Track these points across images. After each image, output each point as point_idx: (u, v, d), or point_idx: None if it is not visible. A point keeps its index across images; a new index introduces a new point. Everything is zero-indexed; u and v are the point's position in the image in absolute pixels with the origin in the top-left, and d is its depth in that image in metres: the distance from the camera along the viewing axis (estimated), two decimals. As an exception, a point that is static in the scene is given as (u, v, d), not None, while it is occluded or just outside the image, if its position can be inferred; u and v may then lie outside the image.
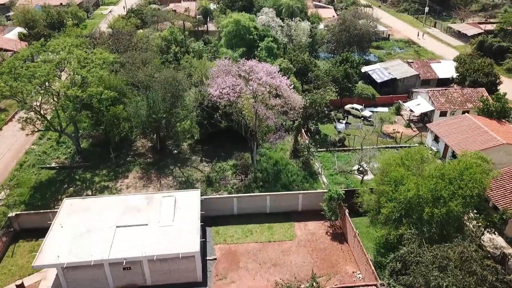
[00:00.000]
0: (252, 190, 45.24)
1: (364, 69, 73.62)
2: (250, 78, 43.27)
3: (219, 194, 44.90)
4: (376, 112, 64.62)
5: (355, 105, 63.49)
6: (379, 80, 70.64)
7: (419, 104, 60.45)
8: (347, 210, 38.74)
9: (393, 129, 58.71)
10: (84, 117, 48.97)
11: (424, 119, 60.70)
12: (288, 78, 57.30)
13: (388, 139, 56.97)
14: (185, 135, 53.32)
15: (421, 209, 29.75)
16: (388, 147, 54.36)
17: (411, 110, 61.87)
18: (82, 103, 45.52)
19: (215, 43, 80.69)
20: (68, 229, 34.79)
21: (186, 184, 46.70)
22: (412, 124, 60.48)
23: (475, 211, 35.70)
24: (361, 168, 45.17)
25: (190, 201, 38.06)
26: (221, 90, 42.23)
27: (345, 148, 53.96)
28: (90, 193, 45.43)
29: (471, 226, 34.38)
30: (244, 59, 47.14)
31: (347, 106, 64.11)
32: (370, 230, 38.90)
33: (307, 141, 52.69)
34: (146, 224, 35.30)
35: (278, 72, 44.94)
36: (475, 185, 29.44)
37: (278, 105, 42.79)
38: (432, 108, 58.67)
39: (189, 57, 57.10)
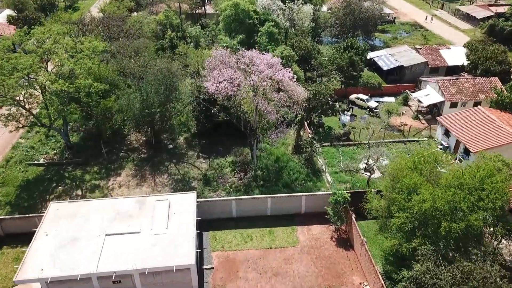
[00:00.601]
0: (252, 190, 42.63)
1: (370, 55, 70.04)
2: (250, 71, 40.04)
3: (217, 194, 42.31)
4: (382, 102, 61.47)
5: (360, 95, 60.29)
6: (385, 68, 67.21)
7: (428, 94, 57.27)
8: (353, 215, 36.17)
9: (401, 122, 55.65)
10: (73, 109, 45.87)
11: (433, 111, 57.65)
12: (290, 67, 54.32)
13: (395, 132, 54.01)
14: (181, 129, 50.44)
15: (437, 222, 27.10)
16: (395, 142, 51.47)
17: (419, 101, 58.73)
18: (70, 97, 42.39)
19: (213, 27, 76.77)
20: (54, 238, 32.28)
21: (182, 183, 44.03)
22: (420, 116, 57.42)
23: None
24: (368, 167, 42.43)
25: (186, 206, 35.45)
26: (217, 84, 39.06)
27: (350, 143, 51.07)
28: (80, 193, 42.83)
29: (487, 233, 31.88)
30: (243, 49, 43.73)
31: (352, 96, 60.92)
32: (378, 235, 36.41)
33: (310, 136, 49.83)
34: (138, 232, 32.77)
35: (280, 63, 41.63)
36: (498, 196, 26.72)
37: (281, 99, 39.68)
38: (442, 99, 55.52)
39: (185, 47, 53.51)
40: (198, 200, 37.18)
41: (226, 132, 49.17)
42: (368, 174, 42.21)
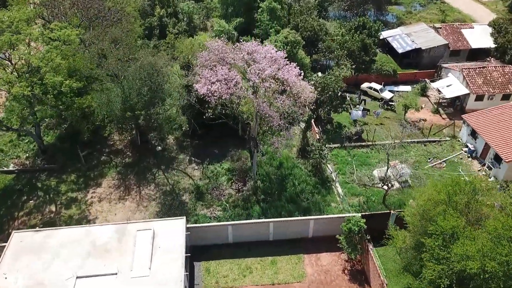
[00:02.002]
0: (251, 206, 37.06)
1: (383, 35, 62.53)
2: (249, 69, 33.48)
3: (211, 211, 36.78)
4: (397, 91, 54.85)
5: (373, 84, 53.59)
6: (400, 50, 60.04)
7: (451, 85, 50.63)
8: (371, 247, 30.80)
9: (419, 118, 49.30)
10: (43, 110, 39.47)
11: (455, 103, 51.20)
12: (296, 53, 47.52)
13: (413, 130, 47.77)
14: (171, 126, 43.97)
15: (485, 284, 21.65)
16: (414, 142, 45.41)
17: (439, 91, 52.16)
18: (36, 98, 35.95)
19: (207, 1, 68.64)
20: (14, 282, 26.94)
21: (171, 196, 38.38)
22: (440, 109, 51.02)
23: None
24: (385, 180, 36.64)
25: (173, 237, 29.96)
26: (209, 87, 32.58)
27: (363, 144, 45.03)
28: (54, 209, 37.27)
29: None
30: (242, 40, 36.81)
31: (364, 85, 54.25)
32: (398, 266, 31.19)
33: (317, 136, 43.77)
34: (115, 274, 27.42)
35: (285, 58, 34.96)
36: None
37: (285, 104, 33.35)
38: (466, 91, 48.96)
39: (171, 36, 46.02)
40: (189, 226, 31.74)
41: (222, 132, 42.99)
42: (386, 188, 36.46)
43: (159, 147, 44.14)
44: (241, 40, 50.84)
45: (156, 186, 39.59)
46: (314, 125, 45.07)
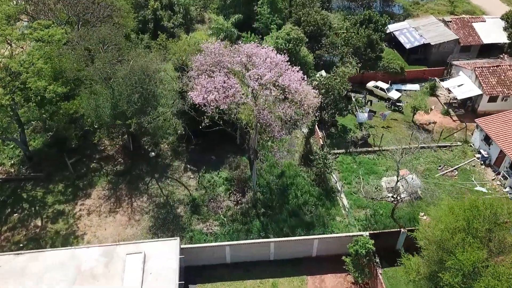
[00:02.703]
0: (251, 219, 34.67)
1: (389, 28, 59.26)
2: (247, 71, 30.70)
3: (208, 226, 34.38)
4: (405, 90, 51.99)
5: (380, 83, 50.72)
6: (408, 46, 56.94)
7: (462, 84, 47.76)
8: (380, 271, 28.50)
9: (428, 120, 46.54)
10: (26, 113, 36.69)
11: (466, 104, 48.40)
12: (299, 52, 44.55)
13: (422, 132, 45.06)
14: (165, 130, 41.03)
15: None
16: (423, 147, 42.74)
17: (449, 91, 49.37)
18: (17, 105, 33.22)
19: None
20: (-8, 315, 24.71)
21: (165, 209, 35.92)
22: (451, 111, 48.24)
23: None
24: (394, 193, 34.14)
25: (165, 261, 27.62)
26: (205, 96, 29.80)
27: (370, 149, 42.41)
28: (40, 223, 34.85)
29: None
30: (240, 42, 33.86)
31: (370, 84, 51.38)
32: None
33: (321, 141, 41.17)
34: (102, 304, 25.16)
35: (287, 62, 32.17)
36: None
37: (287, 113, 30.58)
38: (479, 92, 46.14)
39: (163, 36, 42.71)
40: (184, 247, 29.40)
41: (219, 137, 40.26)
42: (395, 202, 33.95)
43: (153, 153, 41.50)
44: (241, 38, 48.42)
45: (149, 197, 37.11)
46: (317, 129, 42.39)
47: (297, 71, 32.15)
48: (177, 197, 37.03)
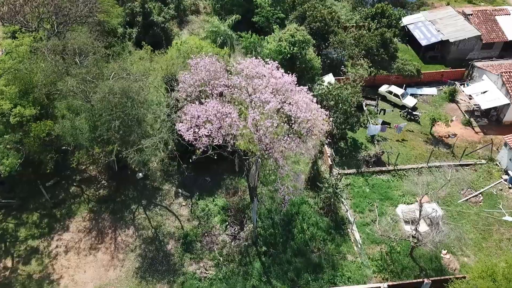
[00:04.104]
0: (250, 260, 30.51)
1: (403, 21, 53.66)
2: (248, 96, 25.82)
3: (201, 268, 30.16)
4: (421, 95, 47.00)
5: (393, 88, 45.62)
6: (424, 42, 51.48)
7: (486, 91, 42.74)
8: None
9: (448, 133, 41.75)
10: None
11: (490, 113, 43.50)
12: (305, 55, 39.38)
13: (441, 147, 40.44)
14: (154, 147, 36.31)
15: None
16: (442, 166, 38.19)
17: (471, 97, 44.42)
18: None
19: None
20: None
21: (154, 245, 31.67)
22: (473, 120, 43.39)
23: None
24: (415, 230, 29.77)
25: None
26: (196, 130, 24.93)
27: (384, 169, 37.82)
28: (10, 264, 30.57)
29: None
30: (243, 60, 28.58)
31: (382, 89, 46.27)
32: None
33: (329, 161, 36.58)
34: None
35: (295, 83, 27.18)
36: None
37: (293, 147, 25.80)
38: (507, 101, 41.18)
39: (148, 48, 36.43)
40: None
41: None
42: (415, 243, 29.60)
43: (140, 174, 36.88)
44: (240, 39, 43.04)
45: (136, 230, 32.75)
46: (326, 149, 37.65)
47: (306, 92, 27.25)
48: (167, 230, 32.68)
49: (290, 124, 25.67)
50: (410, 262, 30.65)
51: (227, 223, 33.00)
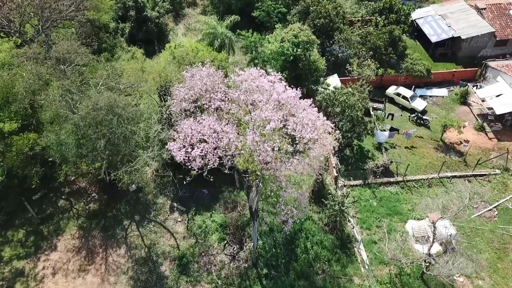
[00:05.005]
0: (250, 283, 28.52)
1: (411, 16, 50.68)
2: (248, 113, 23.40)
3: (199, 292, 28.23)
4: (430, 96, 44.44)
5: (402, 90, 43.01)
6: (434, 38, 48.61)
7: (501, 94, 40.21)
8: None
9: (460, 139, 39.37)
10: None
11: (504, 117, 41.02)
12: (309, 57, 36.81)
13: (452, 155, 38.13)
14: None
15: None
16: (454, 177, 35.99)
17: (482, 99, 41.91)
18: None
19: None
20: None
21: (147, 266, 29.65)
22: (486, 125, 40.94)
23: None
24: (429, 258, 27.63)
25: None
26: (188, 148, 22.61)
27: (392, 180, 35.59)
28: (-7, 287, 28.65)
29: None
30: (241, 70, 25.92)
31: (390, 90, 43.68)
32: None
33: (334, 172, 34.36)
34: None
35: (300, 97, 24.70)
36: None
37: (298, 169, 23.49)
38: (523, 105, 38.75)
39: (139, 51, 33.65)
40: None
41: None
42: (427, 265, 27.54)
43: (133, 186, 34.60)
44: (240, 37, 40.27)
45: (128, 250, 30.70)
46: (331, 156, 35.35)
47: (311, 107, 24.80)
48: (161, 249, 30.62)
49: (294, 145, 23.30)
50: (420, 286, 28.73)
51: (225, 241, 30.94)
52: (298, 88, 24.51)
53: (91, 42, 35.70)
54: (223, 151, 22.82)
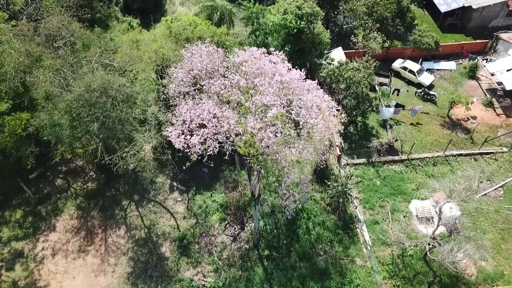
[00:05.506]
0: (252, 265, 28.33)
1: (420, -17, 48.38)
2: (250, 97, 22.27)
3: (199, 272, 28.03)
4: (438, 70, 42.91)
5: (408, 63, 41.41)
6: (443, 8, 46.48)
7: (512, 69, 38.73)
8: None
9: (467, 115, 38.23)
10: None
11: (514, 92, 39.74)
12: (313, 30, 35.13)
13: (458, 132, 37.14)
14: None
15: None
16: (461, 155, 35.18)
17: (492, 74, 40.43)
18: None
19: None
20: None
21: (147, 247, 29.38)
22: (494, 101, 39.68)
23: None
24: (434, 241, 27.16)
25: None
26: (187, 134, 21.67)
27: (396, 158, 34.79)
28: (-8, 268, 28.46)
29: None
30: (239, 47, 24.58)
31: (396, 64, 42.09)
32: None
33: (337, 150, 33.55)
34: None
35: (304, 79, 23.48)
36: None
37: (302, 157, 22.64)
38: (535, 81, 37.35)
39: (135, 24, 31.72)
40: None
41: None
42: (430, 247, 27.14)
43: (131, 165, 33.69)
44: (241, 7, 38.18)
45: (128, 230, 30.33)
46: (336, 139, 34.35)
47: (317, 89, 23.67)
48: (161, 230, 30.25)
49: (298, 130, 22.33)
50: (423, 267, 28.49)
51: (226, 222, 30.52)
52: (302, 69, 23.22)
53: (84, 13, 33.83)
54: (223, 136, 21.90)
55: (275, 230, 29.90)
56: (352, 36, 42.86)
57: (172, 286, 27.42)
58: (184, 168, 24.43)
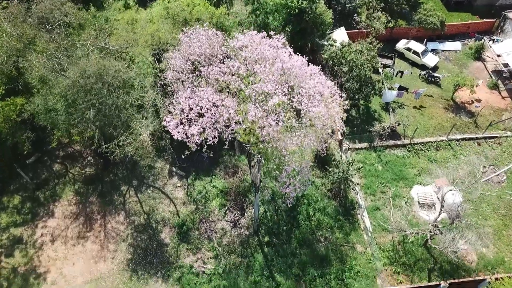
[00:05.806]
0: (252, 251, 28.22)
1: (427, -41, 46.52)
2: (250, 83, 21.55)
3: (199, 259, 27.95)
4: (443, 51, 41.84)
5: (413, 44, 40.31)
6: (450, -14, 45.00)
7: (519, 50, 37.70)
8: None
9: (472, 98, 37.47)
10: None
11: (520, 75, 38.88)
12: (314, 3, 34.03)
13: (462, 116, 36.47)
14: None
15: None
16: (464, 139, 34.64)
17: (499, 55, 39.43)
18: None
19: None
20: None
21: (146, 233, 29.22)
22: (500, 83, 38.83)
23: None
24: (435, 229, 26.91)
25: None
26: (186, 128, 21.06)
27: (399, 143, 34.26)
28: (-8, 254, 28.39)
29: None
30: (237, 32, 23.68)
31: (400, 45, 40.97)
32: None
33: (339, 135, 33.02)
34: None
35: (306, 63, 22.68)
36: None
37: (304, 145, 22.10)
38: (542, 62, 36.42)
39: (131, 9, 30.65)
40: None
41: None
42: (431, 234, 26.96)
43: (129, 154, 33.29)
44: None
45: (127, 216, 30.11)
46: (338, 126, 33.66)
47: (320, 74, 22.91)
48: (160, 216, 30.03)
49: (300, 119, 21.72)
50: (423, 254, 28.38)
51: (226, 208, 30.27)
52: (304, 55, 22.39)
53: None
54: (222, 125, 21.30)
55: (275, 217, 29.69)
56: (355, 15, 41.71)
57: (172, 273, 27.38)
58: (183, 156, 23.85)
